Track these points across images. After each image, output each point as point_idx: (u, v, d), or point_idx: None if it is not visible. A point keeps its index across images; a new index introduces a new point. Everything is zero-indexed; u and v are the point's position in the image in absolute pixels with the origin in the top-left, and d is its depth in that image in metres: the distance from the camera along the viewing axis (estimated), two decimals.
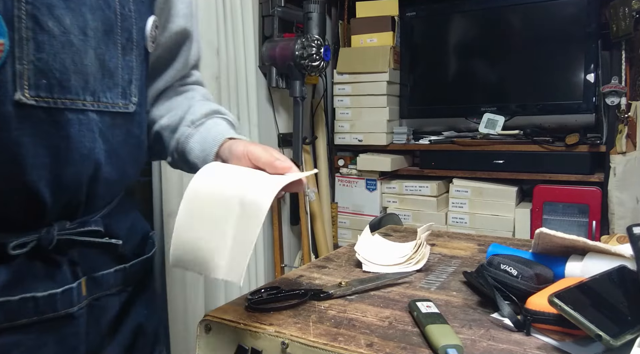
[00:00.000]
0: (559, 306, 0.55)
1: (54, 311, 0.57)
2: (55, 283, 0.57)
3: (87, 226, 0.61)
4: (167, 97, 0.80)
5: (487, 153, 1.92)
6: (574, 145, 1.76)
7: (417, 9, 2.14)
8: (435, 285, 0.78)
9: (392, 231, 1.15)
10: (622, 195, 1.65)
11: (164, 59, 0.77)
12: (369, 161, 2.11)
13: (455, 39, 2.15)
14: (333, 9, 2.29)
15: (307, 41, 1.77)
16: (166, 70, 0.78)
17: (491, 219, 1.90)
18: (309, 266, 0.89)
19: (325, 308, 0.68)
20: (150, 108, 0.78)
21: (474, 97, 2.07)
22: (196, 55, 0.81)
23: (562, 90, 1.89)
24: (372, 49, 2.12)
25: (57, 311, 0.57)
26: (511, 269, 0.67)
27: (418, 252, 0.87)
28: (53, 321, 0.57)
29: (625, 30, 1.61)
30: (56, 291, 0.57)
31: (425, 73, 2.18)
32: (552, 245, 0.74)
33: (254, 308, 0.67)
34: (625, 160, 1.65)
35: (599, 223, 1.71)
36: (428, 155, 2.07)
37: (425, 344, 0.57)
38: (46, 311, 0.56)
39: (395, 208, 2.08)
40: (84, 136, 0.57)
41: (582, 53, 1.84)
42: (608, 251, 0.68)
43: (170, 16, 0.74)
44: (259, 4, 1.87)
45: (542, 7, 1.91)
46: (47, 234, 0.57)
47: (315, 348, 0.58)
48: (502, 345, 0.57)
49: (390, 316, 0.65)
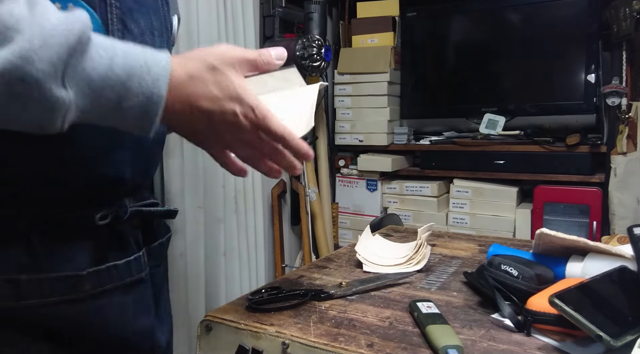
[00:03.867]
0: (559, 307, 0.55)
1: (130, 276, 0.65)
2: (127, 252, 0.65)
3: (147, 199, 0.71)
4: None
5: (488, 153, 1.92)
6: (574, 146, 1.76)
7: (418, 9, 2.14)
8: (435, 285, 0.78)
9: (392, 232, 1.15)
10: (622, 195, 1.65)
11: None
12: (370, 161, 2.11)
13: (456, 39, 2.15)
14: (334, 9, 2.29)
15: (308, 41, 1.77)
16: None
17: (492, 219, 1.90)
18: (310, 266, 0.89)
19: (325, 308, 0.68)
20: None
21: (475, 98, 2.07)
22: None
23: (563, 90, 1.89)
24: (372, 49, 2.12)
25: (132, 276, 0.66)
26: (512, 269, 0.67)
27: (418, 252, 0.87)
28: (130, 284, 0.65)
29: (626, 30, 1.61)
30: (129, 259, 0.65)
31: (426, 74, 2.18)
32: (552, 245, 0.74)
33: (255, 308, 0.67)
34: (626, 160, 1.65)
35: (599, 223, 1.71)
36: (429, 156, 2.07)
37: (425, 345, 0.57)
38: (125, 276, 0.64)
39: (396, 209, 2.08)
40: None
41: (582, 53, 1.83)
42: (609, 252, 0.68)
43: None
44: (259, 4, 1.87)
45: (543, 8, 1.91)
46: (122, 207, 0.65)
47: (316, 348, 0.58)
48: (503, 346, 0.57)
49: (391, 317, 0.66)
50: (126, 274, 0.64)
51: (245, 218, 1.71)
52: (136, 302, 0.66)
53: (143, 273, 0.67)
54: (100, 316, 0.62)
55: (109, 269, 0.62)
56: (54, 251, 0.58)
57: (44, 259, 0.58)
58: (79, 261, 0.60)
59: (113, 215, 0.63)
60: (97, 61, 0.47)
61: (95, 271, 0.60)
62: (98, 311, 0.61)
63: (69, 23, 0.45)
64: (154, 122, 0.51)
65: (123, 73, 0.48)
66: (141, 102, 0.49)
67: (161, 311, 0.76)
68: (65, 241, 0.59)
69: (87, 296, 0.60)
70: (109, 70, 0.47)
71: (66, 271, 0.58)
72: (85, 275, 0.59)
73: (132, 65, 0.49)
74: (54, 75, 0.44)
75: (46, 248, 0.58)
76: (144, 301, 0.68)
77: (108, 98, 0.48)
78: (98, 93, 0.47)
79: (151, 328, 0.69)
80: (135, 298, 0.66)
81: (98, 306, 0.61)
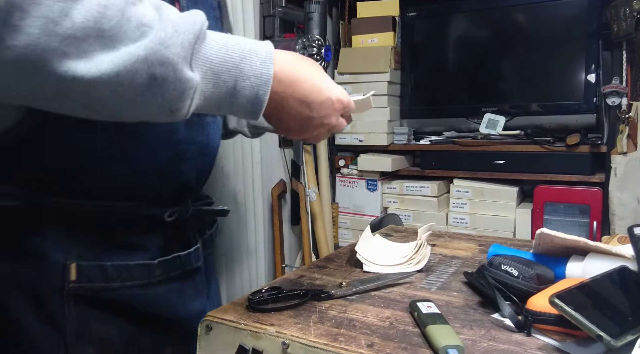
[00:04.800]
0: (559, 307, 0.55)
1: (190, 265, 0.77)
2: (187, 244, 0.77)
3: (204, 199, 0.85)
4: None
5: (488, 153, 1.92)
6: (574, 146, 1.76)
7: (418, 9, 2.14)
8: (435, 285, 0.78)
9: (392, 232, 1.15)
10: (623, 195, 1.65)
11: None
12: (370, 161, 2.11)
13: (456, 39, 2.15)
14: (334, 9, 2.29)
15: (308, 41, 1.77)
16: None
17: (492, 219, 1.90)
18: (310, 266, 0.90)
19: (326, 308, 0.68)
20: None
21: (475, 97, 2.07)
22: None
23: (563, 90, 1.89)
24: (372, 49, 2.12)
25: (192, 265, 0.77)
26: (512, 269, 0.67)
27: (419, 252, 0.87)
28: (189, 272, 0.77)
29: (626, 30, 1.61)
30: (190, 251, 0.77)
31: (426, 74, 2.18)
32: (552, 245, 0.74)
33: (255, 308, 0.67)
34: (626, 160, 1.65)
35: (599, 223, 1.71)
36: (429, 156, 2.07)
37: (425, 345, 0.57)
38: (186, 265, 0.76)
39: (396, 209, 2.08)
40: (215, 134, 0.78)
41: (582, 53, 1.83)
42: (609, 252, 0.68)
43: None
44: (259, 4, 1.87)
45: (542, 7, 1.91)
46: (186, 207, 0.77)
47: (316, 348, 0.58)
48: (503, 346, 0.57)
49: (391, 317, 0.66)
50: (187, 263, 0.77)
51: (245, 218, 1.71)
52: (193, 287, 0.79)
53: (200, 262, 0.80)
54: (166, 298, 0.74)
55: (174, 259, 0.74)
56: (133, 243, 0.70)
57: (125, 250, 0.69)
58: (152, 252, 0.72)
59: (178, 213, 0.75)
60: (215, 48, 0.54)
61: (164, 260, 0.73)
62: (164, 294, 0.73)
63: (190, 17, 0.53)
64: (264, 101, 0.57)
65: (237, 57, 0.55)
66: (252, 83, 0.56)
67: (212, 293, 0.88)
68: (141, 235, 0.72)
69: (157, 281, 0.72)
70: (225, 55, 0.55)
71: (142, 260, 0.70)
72: (156, 264, 0.72)
73: (242, 49, 0.56)
74: (185, 57, 0.51)
75: (127, 241, 0.70)
76: (199, 286, 0.81)
77: (225, 81, 0.55)
78: (217, 76, 0.55)
79: (203, 308, 0.80)
80: (193, 284, 0.79)
81: (165, 290, 0.73)
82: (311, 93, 0.61)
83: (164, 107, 0.53)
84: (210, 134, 0.76)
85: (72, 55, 0.46)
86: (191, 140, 0.72)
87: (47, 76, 0.46)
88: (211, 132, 0.77)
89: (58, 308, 0.64)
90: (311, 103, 0.62)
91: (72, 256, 0.65)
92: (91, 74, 0.47)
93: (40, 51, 0.45)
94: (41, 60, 0.45)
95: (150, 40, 0.49)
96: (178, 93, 0.52)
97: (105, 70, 0.48)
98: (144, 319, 0.72)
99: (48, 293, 0.64)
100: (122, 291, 0.68)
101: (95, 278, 0.66)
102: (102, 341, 0.68)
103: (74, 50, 0.46)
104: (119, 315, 0.69)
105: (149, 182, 0.69)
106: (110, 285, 0.67)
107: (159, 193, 0.71)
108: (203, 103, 0.56)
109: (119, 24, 0.48)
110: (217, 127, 0.79)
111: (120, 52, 0.48)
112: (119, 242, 0.69)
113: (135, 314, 0.71)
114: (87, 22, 0.46)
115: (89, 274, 0.66)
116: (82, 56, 0.47)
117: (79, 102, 0.50)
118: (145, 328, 0.72)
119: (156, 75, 0.50)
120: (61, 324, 0.65)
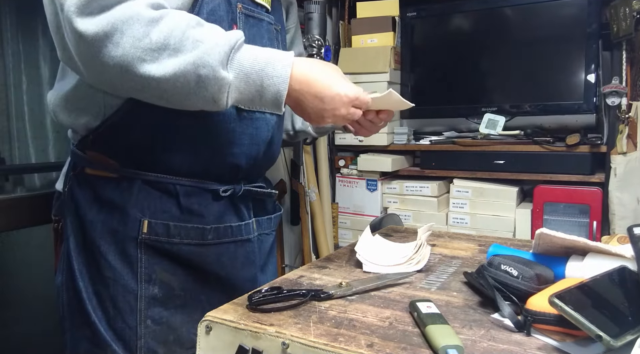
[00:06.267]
0: (559, 307, 0.55)
1: (241, 235, 0.93)
2: (240, 218, 0.94)
3: (257, 182, 0.99)
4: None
5: (488, 153, 1.92)
6: (574, 146, 1.75)
7: (418, 9, 2.14)
8: (435, 285, 0.78)
9: (392, 232, 1.15)
10: (622, 195, 1.65)
11: None
12: (370, 161, 2.11)
13: (456, 39, 2.15)
14: (334, 9, 2.29)
15: (308, 41, 1.77)
16: None
17: (492, 219, 1.90)
18: (310, 266, 0.90)
19: (325, 309, 0.68)
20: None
21: (475, 98, 2.07)
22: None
23: (563, 90, 1.89)
24: (372, 49, 2.12)
25: (242, 236, 0.93)
26: (512, 269, 0.67)
27: (418, 252, 0.87)
28: (241, 242, 0.93)
29: (625, 30, 1.61)
30: (241, 223, 0.93)
31: (426, 74, 2.17)
32: (552, 245, 0.74)
33: (255, 308, 0.67)
34: (626, 160, 1.65)
35: (599, 223, 1.71)
36: (429, 156, 2.07)
37: (425, 345, 0.57)
38: (237, 235, 0.92)
39: (396, 209, 2.08)
40: (265, 128, 0.93)
41: (582, 53, 1.83)
42: (609, 252, 0.68)
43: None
44: None
45: (542, 8, 1.91)
46: (238, 186, 0.93)
47: (316, 348, 0.58)
48: (503, 346, 0.57)
49: (391, 317, 0.66)
50: (238, 233, 0.92)
51: None
52: (244, 256, 0.94)
53: (251, 235, 0.95)
54: (218, 259, 0.90)
55: (226, 228, 0.90)
56: (193, 210, 0.87)
57: (186, 214, 0.86)
58: (207, 219, 0.88)
59: (232, 190, 0.91)
60: (247, 56, 0.73)
61: (216, 227, 0.89)
62: (216, 255, 0.89)
63: (230, 34, 0.73)
64: (284, 96, 0.74)
65: (263, 63, 0.73)
66: (275, 82, 0.73)
67: (267, 268, 1.03)
68: (200, 204, 0.88)
69: (210, 243, 0.88)
70: (254, 61, 0.73)
71: (198, 224, 0.87)
72: (209, 229, 0.88)
73: (268, 56, 0.74)
74: (221, 62, 0.70)
75: (189, 208, 0.87)
76: (251, 257, 0.95)
77: (254, 80, 0.73)
78: (247, 76, 0.73)
79: (254, 277, 0.96)
80: (244, 253, 0.94)
81: (216, 251, 0.89)
82: (323, 89, 0.77)
83: (209, 98, 0.72)
84: (258, 127, 0.92)
85: (148, 61, 0.68)
86: (242, 131, 0.89)
87: (134, 75, 0.69)
88: (259, 125, 0.92)
89: (133, 252, 0.84)
90: (324, 98, 0.77)
91: (146, 215, 0.84)
92: (160, 74, 0.68)
93: (130, 58, 0.67)
94: (130, 64, 0.68)
95: (199, 50, 0.69)
96: (217, 87, 0.71)
97: (168, 71, 0.69)
98: (200, 274, 0.88)
99: (127, 239, 0.84)
100: (181, 246, 0.86)
101: (161, 233, 0.84)
102: (163, 283, 0.85)
103: (150, 57, 0.68)
104: (179, 265, 0.86)
105: (209, 161, 0.87)
106: (171, 240, 0.85)
107: (216, 172, 0.89)
108: (239, 96, 0.74)
109: (181, 40, 0.69)
110: (265, 123, 0.94)
111: (179, 59, 0.69)
112: (182, 208, 0.86)
113: (192, 267, 0.87)
114: (159, 39, 0.68)
115: (157, 229, 0.84)
116: (154, 61, 0.68)
117: (155, 94, 0.72)
118: (202, 282, 0.89)
119: (201, 74, 0.69)
120: (135, 265, 0.84)
